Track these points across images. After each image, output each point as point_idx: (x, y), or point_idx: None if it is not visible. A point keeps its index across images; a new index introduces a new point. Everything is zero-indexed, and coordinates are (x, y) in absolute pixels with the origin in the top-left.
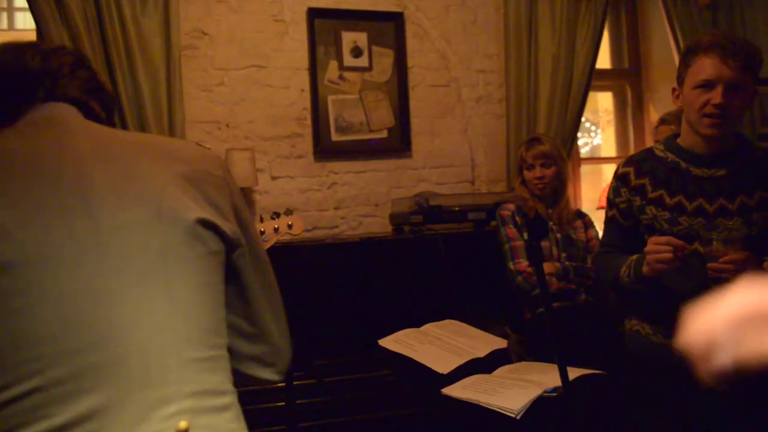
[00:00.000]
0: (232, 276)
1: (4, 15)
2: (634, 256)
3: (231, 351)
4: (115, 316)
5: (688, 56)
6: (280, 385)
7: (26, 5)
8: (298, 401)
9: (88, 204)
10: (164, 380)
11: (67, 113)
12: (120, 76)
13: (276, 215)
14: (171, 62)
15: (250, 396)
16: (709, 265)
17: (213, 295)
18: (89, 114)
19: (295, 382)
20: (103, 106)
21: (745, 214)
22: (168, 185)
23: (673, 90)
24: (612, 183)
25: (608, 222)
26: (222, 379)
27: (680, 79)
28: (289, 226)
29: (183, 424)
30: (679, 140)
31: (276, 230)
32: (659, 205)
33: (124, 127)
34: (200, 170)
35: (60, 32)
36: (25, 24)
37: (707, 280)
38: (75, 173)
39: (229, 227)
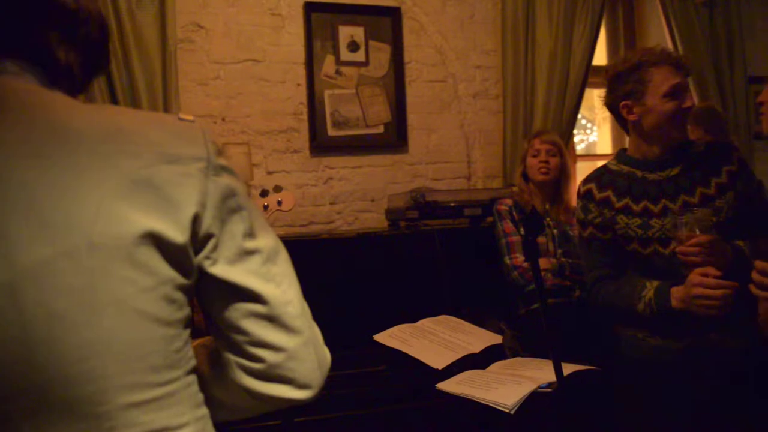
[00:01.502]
0: (210, 280)
1: None
2: (650, 292)
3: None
4: (39, 364)
5: (639, 71)
6: None
7: None
8: None
9: (5, 235)
10: (100, 427)
11: (26, 88)
12: (115, 69)
13: (265, 193)
14: (166, 55)
15: None
16: (678, 248)
17: (163, 329)
18: (58, 75)
19: None
20: (87, 69)
21: (708, 203)
22: (107, 198)
23: (624, 107)
24: (578, 204)
25: (587, 243)
26: (179, 410)
27: (637, 94)
28: (279, 203)
29: None
30: (628, 153)
31: (265, 207)
32: (628, 213)
33: None
34: (162, 163)
35: None
36: None
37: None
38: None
39: (183, 233)
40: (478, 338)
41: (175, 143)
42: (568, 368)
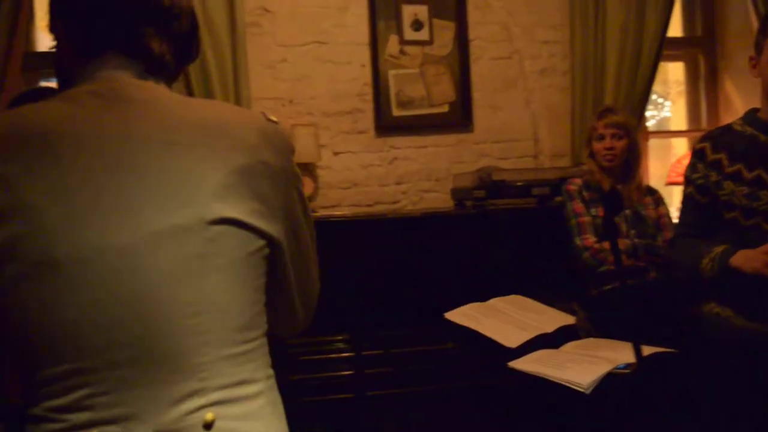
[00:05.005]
0: (270, 268)
1: None
2: (719, 249)
3: None
4: (150, 319)
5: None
6: (349, 355)
7: None
8: (366, 371)
9: (134, 208)
10: (195, 377)
11: (136, 82)
12: None
13: None
14: (236, 40)
15: (322, 365)
16: None
17: (250, 294)
18: (158, 71)
19: (363, 353)
20: (179, 59)
21: None
22: (216, 184)
23: (751, 58)
24: (689, 159)
25: (685, 200)
26: (255, 367)
27: (758, 48)
28: None
29: (209, 416)
30: (759, 114)
31: None
32: (737, 179)
33: None
34: (257, 161)
35: None
36: None
37: None
38: (132, 169)
39: (273, 227)
40: (550, 318)
41: (267, 148)
42: (646, 350)
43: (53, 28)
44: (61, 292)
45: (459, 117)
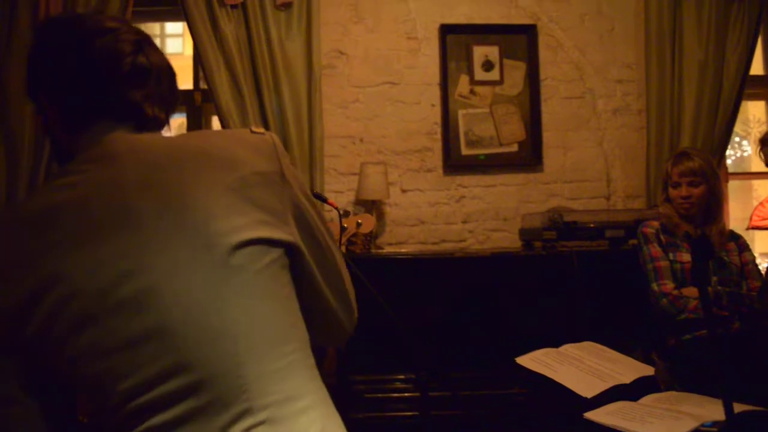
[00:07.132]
0: (294, 275)
1: (157, 41)
2: None
3: None
4: (182, 350)
5: None
6: (414, 395)
7: (178, 32)
8: (433, 412)
9: (149, 251)
10: (240, 398)
11: (123, 138)
12: (267, 95)
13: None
14: (312, 81)
15: (387, 404)
16: None
17: (278, 305)
18: (153, 128)
19: (430, 393)
20: (168, 112)
21: None
22: (215, 206)
23: None
24: None
25: None
26: (299, 382)
27: None
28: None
29: None
30: None
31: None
32: None
33: None
34: (250, 173)
35: (216, 55)
36: (175, 49)
37: None
38: (135, 216)
39: (284, 232)
40: (627, 368)
41: (255, 160)
42: (736, 407)
43: (35, 97)
44: (100, 341)
45: (528, 156)
